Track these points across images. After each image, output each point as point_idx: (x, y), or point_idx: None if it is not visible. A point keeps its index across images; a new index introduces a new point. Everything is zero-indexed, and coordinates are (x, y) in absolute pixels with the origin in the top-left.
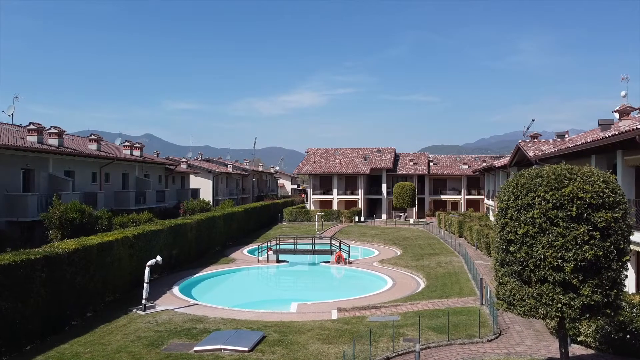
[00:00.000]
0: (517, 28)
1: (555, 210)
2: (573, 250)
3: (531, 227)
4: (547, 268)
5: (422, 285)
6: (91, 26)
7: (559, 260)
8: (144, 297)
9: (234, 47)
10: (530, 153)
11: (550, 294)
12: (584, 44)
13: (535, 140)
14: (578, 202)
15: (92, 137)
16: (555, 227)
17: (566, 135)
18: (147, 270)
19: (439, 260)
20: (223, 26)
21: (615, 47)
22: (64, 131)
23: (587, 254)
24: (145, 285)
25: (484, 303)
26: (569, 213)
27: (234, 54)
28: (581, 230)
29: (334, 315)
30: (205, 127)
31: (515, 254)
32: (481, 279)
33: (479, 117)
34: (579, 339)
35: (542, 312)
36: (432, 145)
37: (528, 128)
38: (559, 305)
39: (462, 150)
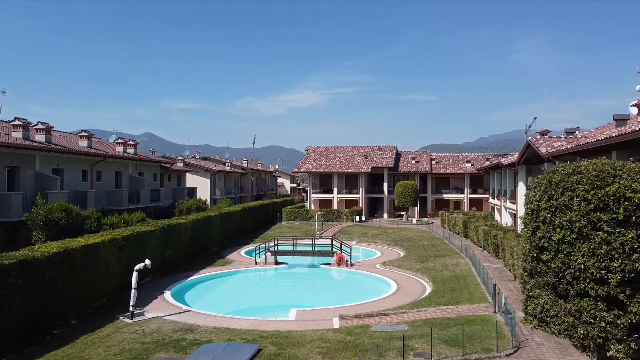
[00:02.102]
0: (516, 27)
1: (598, 213)
2: (620, 260)
3: (569, 232)
4: (588, 280)
5: (429, 290)
6: (91, 25)
7: (603, 272)
8: (131, 303)
9: (233, 46)
10: (542, 150)
11: (592, 311)
12: (583, 43)
13: (546, 136)
14: (625, 202)
15: (83, 133)
16: (598, 233)
17: (577, 132)
18: (134, 274)
19: (445, 262)
20: (223, 26)
21: (614, 47)
22: (52, 127)
23: (636, 264)
24: (132, 291)
25: (497, 311)
26: (614, 216)
27: (233, 53)
28: (629, 236)
29: (336, 323)
30: (205, 126)
31: (548, 264)
32: (494, 284)
33: (478, 116)
34: (608, 355)
35: (582, 332)
36: (432, 144)
37: (530, 126)
38: (602, 324)
39: (462, 149)
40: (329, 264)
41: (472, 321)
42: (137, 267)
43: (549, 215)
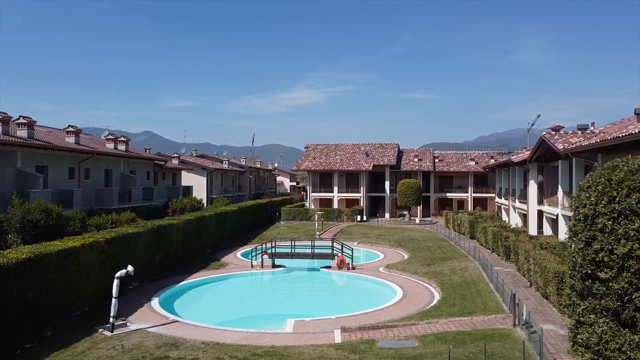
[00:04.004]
0: (517, 26)
1: None
2: None
3: (638, 245)
4: None
5: (437, 297)
6: (91, 23)
7: None
8: (111, 314)
9: (233, 44)
10: (559, 146)
11: None
12: (583, 42)
13: (561, 132)
14: None
15: (70, 129)
16: None
17: (591, 127)
18: (115, 282)
19: (453, 265)
20: (223, 24)
21: (614, 46)
22: (35, 122)
23: None
24: (113, 300)
25: (517, 324)
26: None
27: (233, 52)
28: None
29: (337, 336)
30: (205, 125)
31: (609, 283)
32: (514, 294)
33: (479, 115)
34: None
35: None
36: (432, 142)
37: (533, 124)
38: None
39: (461, 148)
40: (329, 267)
41: (490, 336)
42: (118, 274)
43: (610, 222)
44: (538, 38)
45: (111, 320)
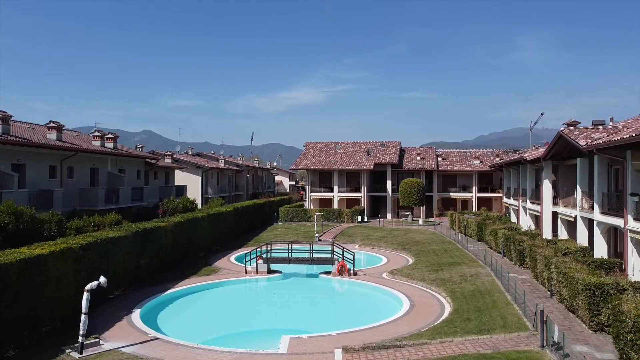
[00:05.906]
0: (516, 25)
1: None
2: None
3: None
4: None
5: (448, 308)
6: (91, 23)
7: None
8: (80, 333)
9: (233, 44)
10: (582, 142)
11: None
12: (582, 41)
13: (582, 127)
14: None
15: (52, 124)
16: None
17: (610, 123)
18: (85, 296)
19: (462, 272)
20: (222, 23)
21: (614, 46)
22: (10, 116)
23: None
24: (82, 317)
25: (545, 345)
26: None
27: (233, 51)
28: None
29: (338, 358)
30: (205, 124)
31: None
32: (541, 311)
33: (478, 114)
34: None
35: None
36: (432, 142)
37: (535, 123)
38: None
39: (462, 147)
40: (329, 272)
41: None
42: (88, 286)
43: None
44: (538, 37)
45: (80, 339)
